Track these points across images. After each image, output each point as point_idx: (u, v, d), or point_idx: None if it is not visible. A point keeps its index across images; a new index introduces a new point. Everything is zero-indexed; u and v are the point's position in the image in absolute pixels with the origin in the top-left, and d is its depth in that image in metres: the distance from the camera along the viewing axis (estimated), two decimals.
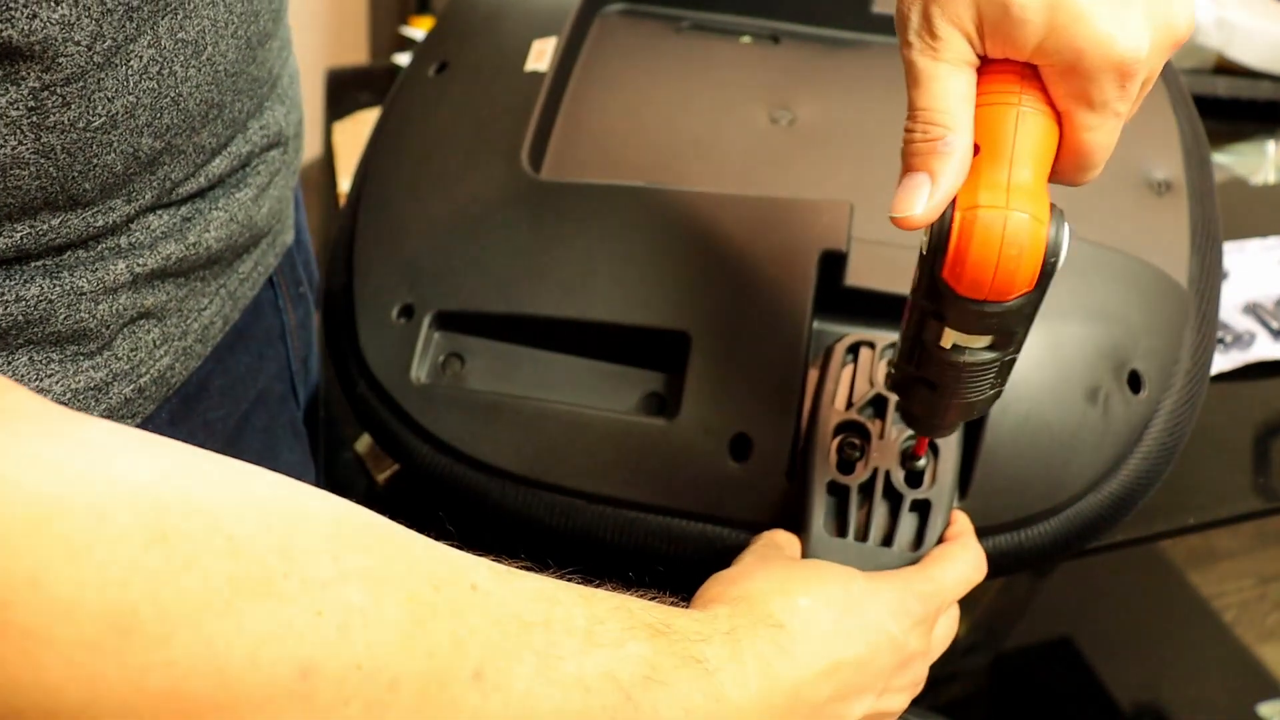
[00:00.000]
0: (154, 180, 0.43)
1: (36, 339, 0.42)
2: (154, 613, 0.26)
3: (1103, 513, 0.52)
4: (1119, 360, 0.52)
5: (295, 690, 0.29)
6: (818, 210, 0.54)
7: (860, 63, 0.70)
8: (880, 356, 0.52)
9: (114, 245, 0.43)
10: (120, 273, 0.44)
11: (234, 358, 0.55)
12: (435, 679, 0.32)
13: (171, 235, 0.46)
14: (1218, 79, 1.01)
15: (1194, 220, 0.59)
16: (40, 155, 0.38)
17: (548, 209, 0.57)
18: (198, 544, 0.28)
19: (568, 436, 0.53)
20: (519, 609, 0.37)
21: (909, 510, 0.48)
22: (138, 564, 0.26)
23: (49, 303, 0.41)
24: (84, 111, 0.38)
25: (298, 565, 0.30)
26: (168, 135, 0.43)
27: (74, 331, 0.43)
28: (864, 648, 0.43)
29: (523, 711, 0.34)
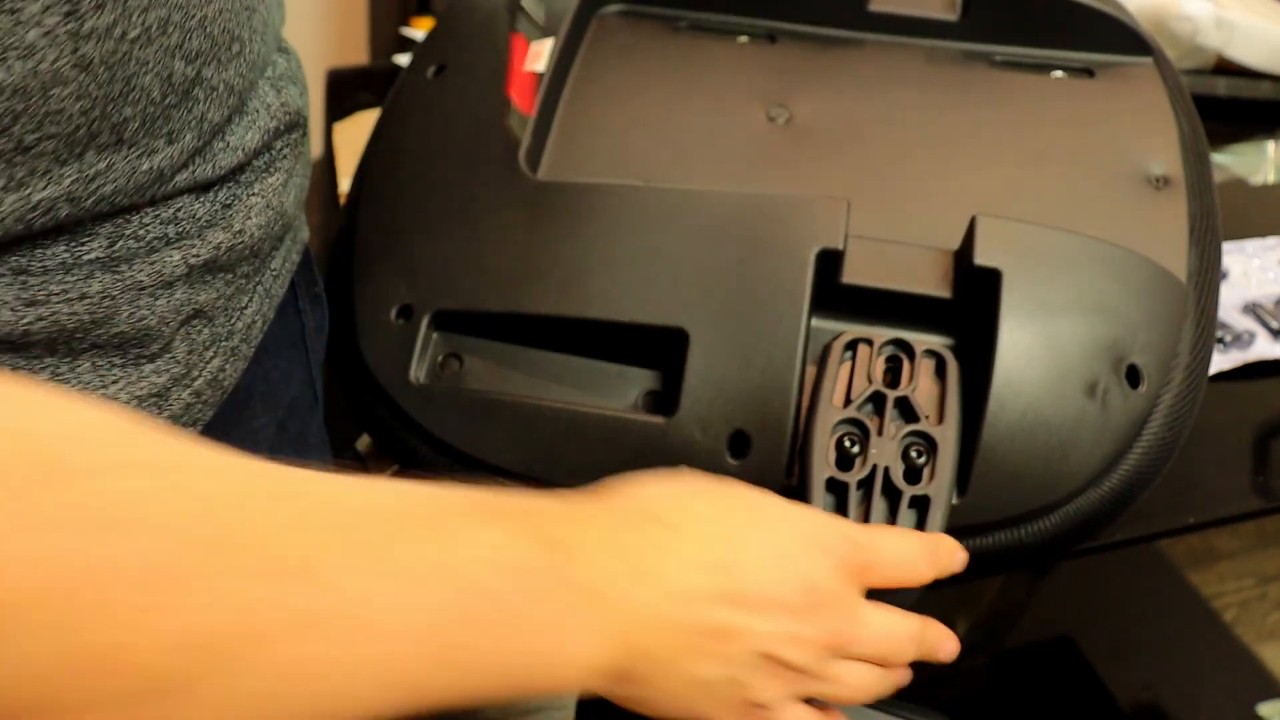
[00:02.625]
0: (191, 118, 0.43)
1: (100, 342, 0.42)
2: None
3: (1102, 508, 0.52)
4: (1117, 354, 0.52)
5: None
6: (814, 208, 0.54)
7: (857, 61, 0.70)
8: (878, 353, 0.52)
9: (163, 234, 0.43)
10: (176, 264, 0.44)
11: (270, 361, 0.54)
12: (254, 569, 0.30)
13: (216, 223, 0.46)
14: (1218, 79, 1.01)
15: (1192, 215, 0.59)
16: (79, 69, 0.37)
17: (545, 209, 0.57)
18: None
19: (566, 435, 0.53)
20: (349, 499, 0.34)
21: (908, 507, 0.48)
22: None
23: (112, 299, 0.41)
24: (119, 18, 0.38)
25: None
26: (198, 62, 0.42)
27: (136, 332, 0.43)
28: (762, 567, 0.40)
29: (355, 606, 0.32)
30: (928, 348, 0.52)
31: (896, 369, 0.52)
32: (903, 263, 0.54)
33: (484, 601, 0.34)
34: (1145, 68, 0.69)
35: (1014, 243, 0.53)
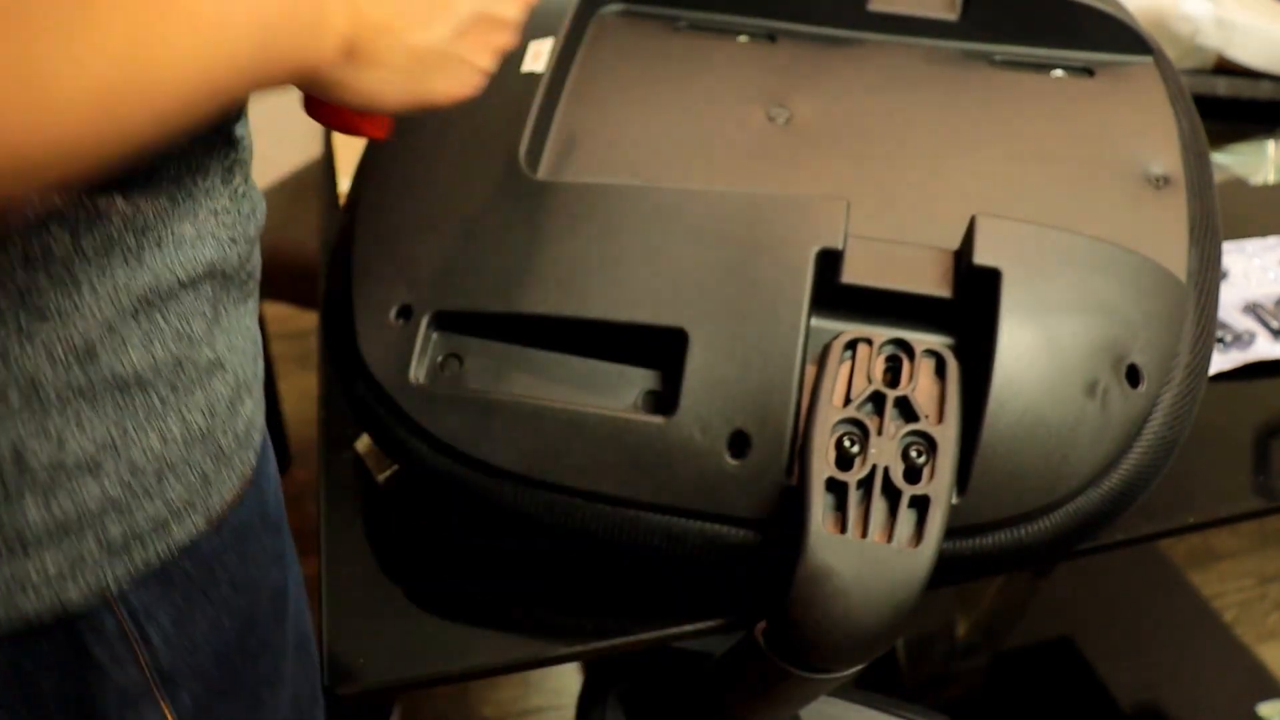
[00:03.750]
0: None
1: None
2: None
3: (1103, 507, 0.52)
4: (1117, 354, 0.52)
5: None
6: (814, 208, 0.54)
7: (856, 60, 0.70)
8: (878, 353, 0.52)
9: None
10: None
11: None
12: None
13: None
14: (1218, 79, 1.01)
15: (1192, 214, 0.59)
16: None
17: (545, 209, 0.57)
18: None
19: (566, 435, 0.53)
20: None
21: (908, 506, 0.48)
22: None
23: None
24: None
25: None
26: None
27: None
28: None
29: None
30: (928, 347, 0.52)
31: (896, 369, 0.52)
32: (902, 262, 0.54)
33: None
34: (1145, 67, 0.69)
35: (1014, 242, 0.53)
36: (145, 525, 0.44)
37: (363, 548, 0.62)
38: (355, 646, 0.56)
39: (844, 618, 0.47)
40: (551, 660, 0.57)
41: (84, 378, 0.41)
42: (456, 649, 0.56)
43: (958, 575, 0.53)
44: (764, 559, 0.52)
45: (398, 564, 0.61)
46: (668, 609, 0.58)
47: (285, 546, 0.54)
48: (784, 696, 0.54)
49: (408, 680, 0.56)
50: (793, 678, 0.50)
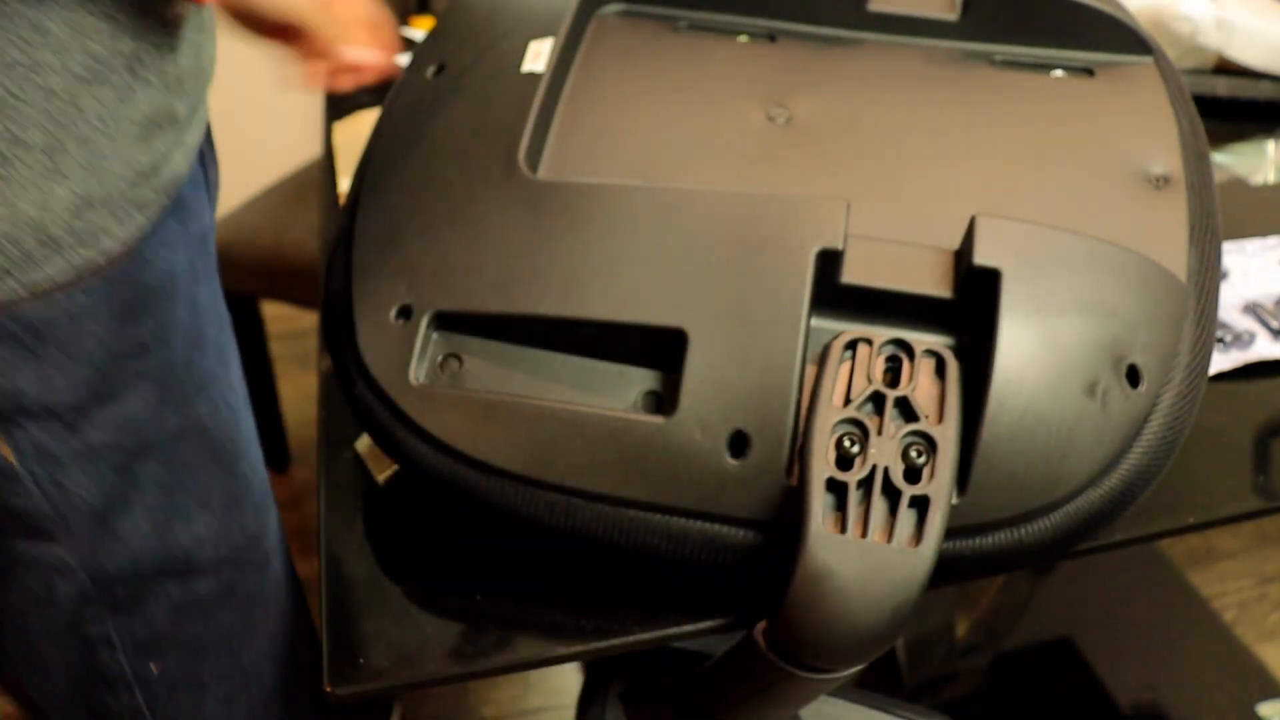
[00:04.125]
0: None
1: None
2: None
3: (1102, 508, 0.52)
4: (1117, 354, 0.52)
5: None
6: (814, 207, 0.54)
7: (856, 60, 0.70)
8: (878, 353, 0.52)
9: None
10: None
11: (191, 193, 0.64)
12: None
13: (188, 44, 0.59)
14: (1218, 79, 1.01)
15: (1192, 214, 0.59)
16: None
17: (545, 209, 0.57)
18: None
19: (566, 435, 0.53)
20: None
21: (908, 506, 0.48)
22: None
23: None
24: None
25: None
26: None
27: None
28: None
29: None
30: (927, 347, 0.52)
31: (896, 369, 0.52)
32: (902, 262, 0.54)
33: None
34: (1145, 67, 0.69)
35: (1014, 242, 0.53)
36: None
37: (363, 548, 0.62)
38: (355, 646, 0.56)
39: (844, 618, 0.47)
40: (551, 660, 0.57)
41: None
42: (456, 649, 0.56)
43: (958, 575, 0.53)
44: (764, 559, 0.52)
45: (398, 564, 0.61)
46: (668, 609, 0.58)
47: (159, 338, 0.61)
48: (784, 696, 0.54)
49: (408, 680, 0.56)
50: (793, 678, 0.50)
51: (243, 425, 0.71)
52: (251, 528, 0.72)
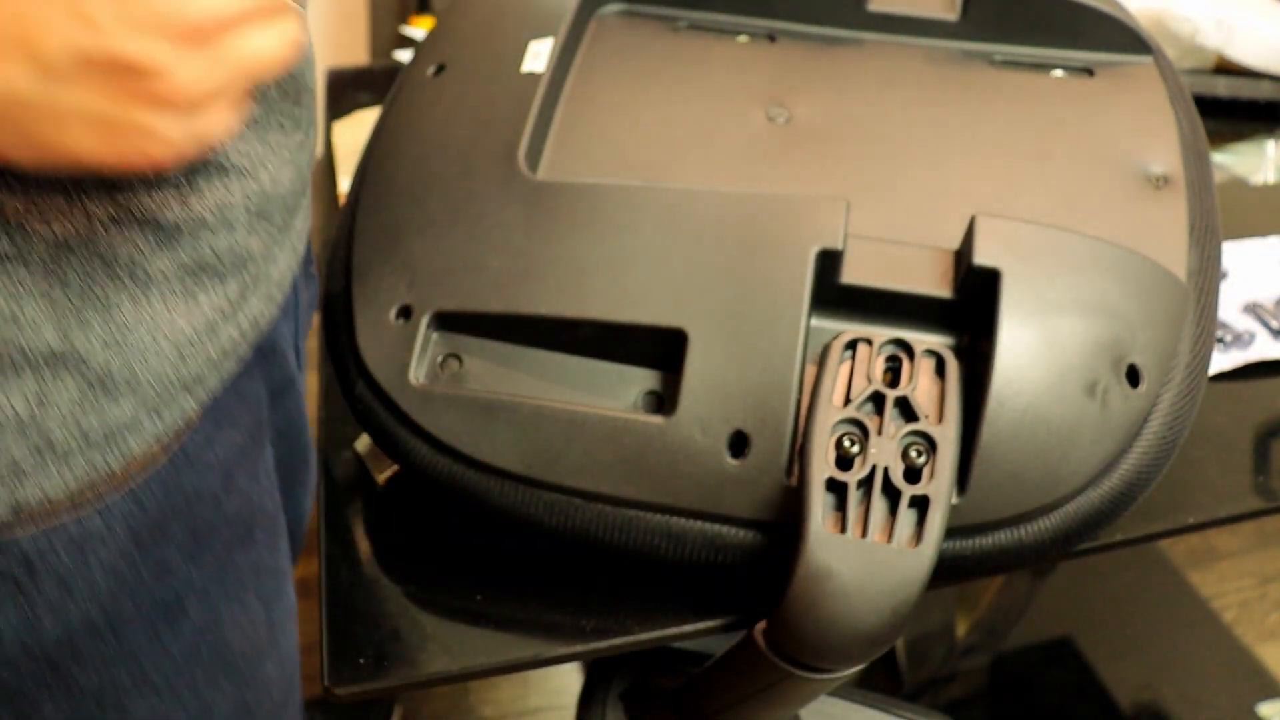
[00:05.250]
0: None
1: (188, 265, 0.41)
2: None
3: (1102, 508, 0.52)
4: (1117, 354, 0.52)
5: None
6: (813, 207, 0.54)
7: (856, 60, 0.70)
8: (878, 353, 0.52)
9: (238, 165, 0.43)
10: (238, 203, 0.43)
11: (273, 326, 0.53)
12: None
13: (264, 163, 0.45)
14: (1218, 79, 1.01)
15: (1192, 214, 0.59)
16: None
17: (545, 209, 0.57)
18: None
19: (566, 435, 0.53)
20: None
21: (908, 506, 0.48)
22: None
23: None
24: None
25: None
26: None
27: (196, 264, 0.42)
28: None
29: None
30: (927, 347, 0.52)
31: (896, 368, 0.52)
32: (902, 262, 0.54)
33: None
34: (1145, 67, 0.69)
35: (1014, 242, 0.53)
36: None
37: (363, 548, 0.62)
38: (355, 646, 0.56)
39: (844, 618, 0.47)
40: (551, 660, 0.57)
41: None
42: (456, 649, 0.56)
43: (958, 575, 0.53)
44: (764, 559, 0.52)
45: (398, 564, 0.61)
46: (668, 609, 0.57)
47: (192, 564, 0.48)
48: (784, 696, 0.54)
49: (408, 680, 0.56)
50: (793, 678, 0.50)
51: (280, 606, 0.56)
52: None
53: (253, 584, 0.53)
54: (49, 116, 0.33)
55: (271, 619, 0.54)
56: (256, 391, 0.53)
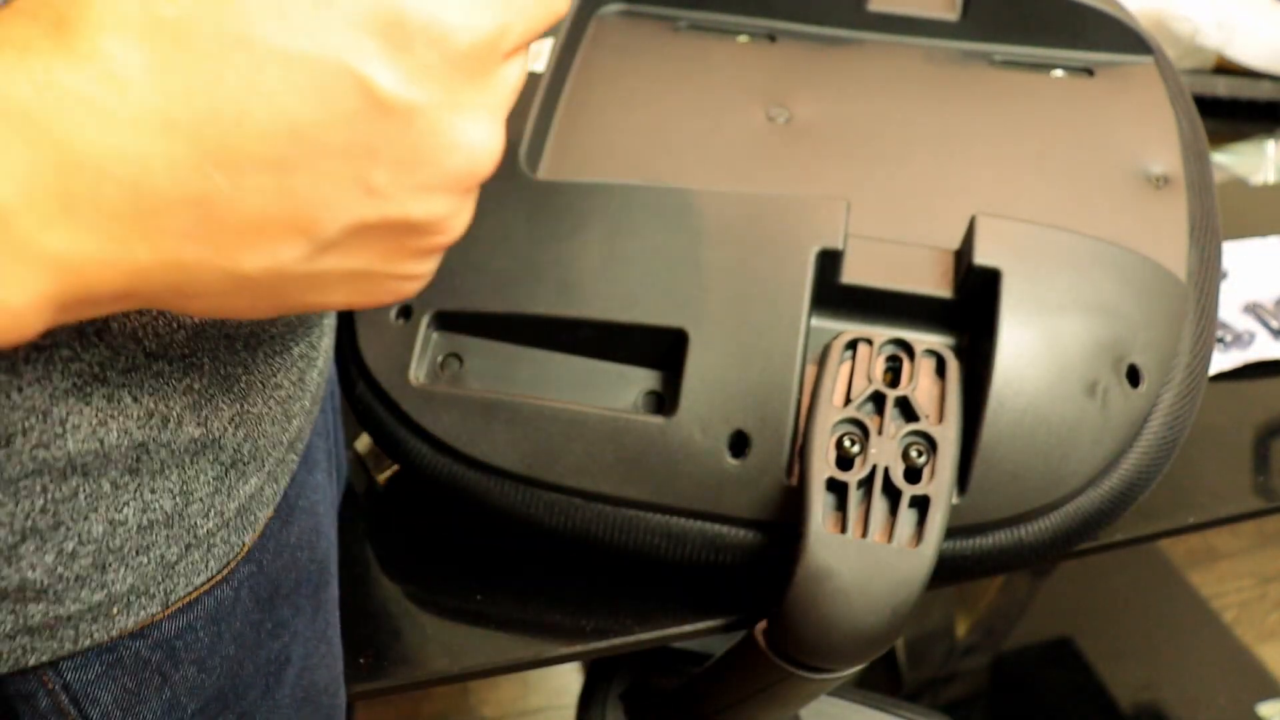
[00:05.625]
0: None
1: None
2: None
3: (1103, 507, 0.52)
4: (1117, 354, 0.52)
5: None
6: (814, 207, 0.54)
7: (856, 60, 0.70)
8: (878, 353, 0.52)
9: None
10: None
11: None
12: None
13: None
14: (1218, 79, 1.01)
15: (1192, 214, 0.59)
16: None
17: (545, 208, 0.57)
18: None
19: (566, 435, 0.53)
20: None
21: (908, 506, 0.48)
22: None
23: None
24: None
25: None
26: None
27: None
28: (263, 72, 0.26)
29: None
30: (928, 347, 0.52)
31: (896, 368, 0.52)
32: (903, 262, 0.54)
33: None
34: (1145, 67, 0.69)
35: (1014, 242, 0.53)
36: (76, 610, 0.38)
37: (363, 548, 0.62)
38: (355, 646, 0.56)
39: (844, 618, 0.47)
40: (551, 660, 0.57)
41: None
42: (456, 649, 0.56)
43: (958, 575, 0.53)
44: (764, 559, 0.52)
45: (398, 564, 0.61)
46: (668, 609, 0.58)
47: (296, 612, 0.47)
48: (784, 696, 0.54)
49: (408, 680, 0.56)
50: (793, 678, 0.50)
51: (340, 633, 0.55)
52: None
53: (331, 619, 0.53)
54: (311, 284, 0.31)
55: (338, 647, 0.54)
56: (325, 424, 0.52)
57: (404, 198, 0.29)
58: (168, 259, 0.27)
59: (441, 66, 0.28)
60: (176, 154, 0.26)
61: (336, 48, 0.27)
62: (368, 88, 0.27)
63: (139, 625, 0.40)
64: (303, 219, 0.28)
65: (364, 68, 0.27)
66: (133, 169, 0.26)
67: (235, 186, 0.27)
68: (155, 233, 0.27)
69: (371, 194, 0.29)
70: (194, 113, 0.26)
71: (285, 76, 0.26)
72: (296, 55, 0.26)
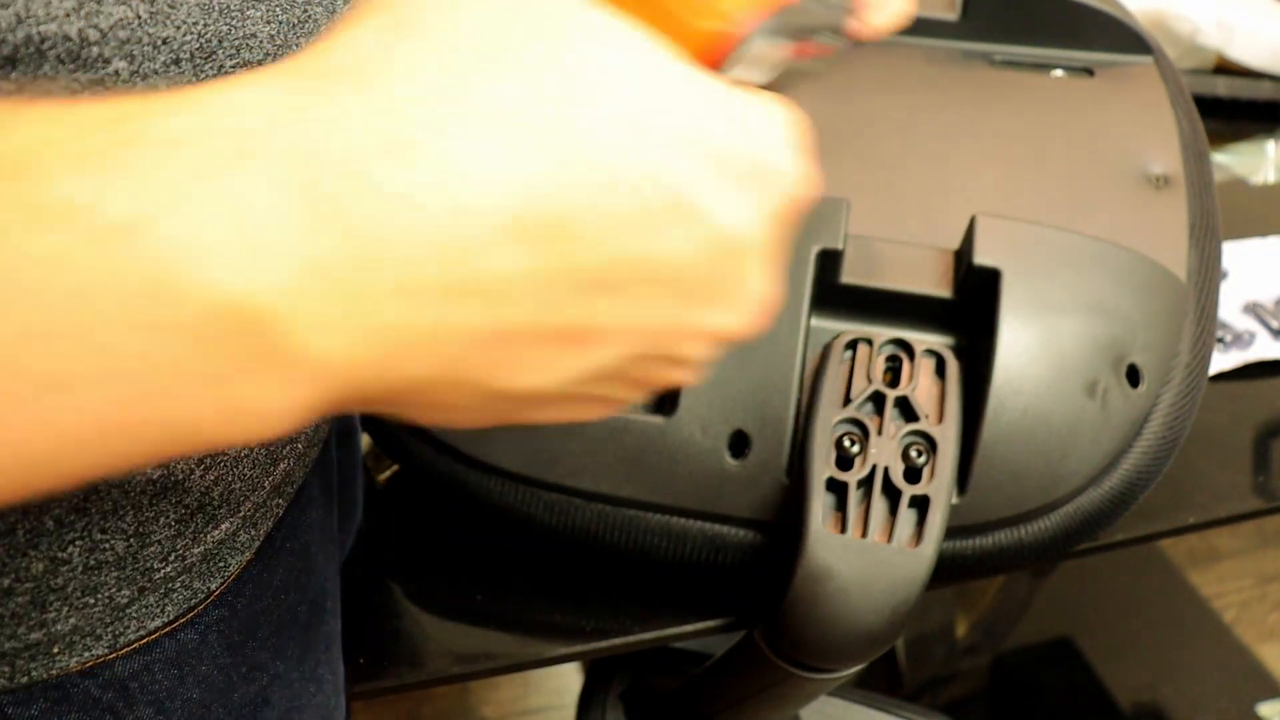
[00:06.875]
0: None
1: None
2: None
3: (1102, 507, 0.52)
4: (1117, 354, 0.52)
5: None
6: (814, 207, 0.54)
7: (856, 60, 0.70)
8: (878, 353, 0.52)
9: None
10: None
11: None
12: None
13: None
14: (1218, 79, 1.01)
15: (1192, 214, 0.59)
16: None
17: None
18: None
19: (566, 435, 0.53)
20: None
21: (908, 506, 0.48)
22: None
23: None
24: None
25: None
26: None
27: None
28: (604, 173, 0.24)
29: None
30: (928, 347, 0.52)
31: (896, 368, 0.52)
32: (902, 262, 0.54)
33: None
34: (1145, 67, 0.69)
35: (1014, 242, 0.53)
36: (12, 648, 0.35)
37: (363, 548, 0.62)
38: (355, 646, 0.56)
39: (844, 618, 0.47)
40: (551, 660, 0.57)
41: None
42: (457, 649, 0.56)
43: (958, 575, 0.53)
44: (764, 559, 0.52)
45: (398, 564, 0.61)
46: (668, 609, 0.57)
47: (277, 655, 0.45)
48: (784, 696, 0.54)
49: (408, 680, 0.56)
50: (793, 678, 0.50)
51: (340, 667, 0.53)
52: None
53: (324, 657, 0.50)
54: (555, 403, 0.28)
55: (336, 682, 0.52)
56: (328, 457, 0.50)
57: (692, 337, 0.28)
58: (447, 377, 0.24)
59: (772, 208, 0.27)
60: (513, 258, 0.23)
61: (677, 171, 0.25)
62: (709, 219, 0.25)
63: (84, 666, 0.37)
64: (595, 338, 0.26)
65: (705, 199, 0.25)
66: (455, 270, 0.22)
67: (552, 300, 0.24)
68: (451, 342, 0.24)
69: (671, 328, 0.27)
70: (535, 209, 0.23)
71: (630, 193, 0.24)
72: (642, 174, 0.24)
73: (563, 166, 0.23)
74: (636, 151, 0.24)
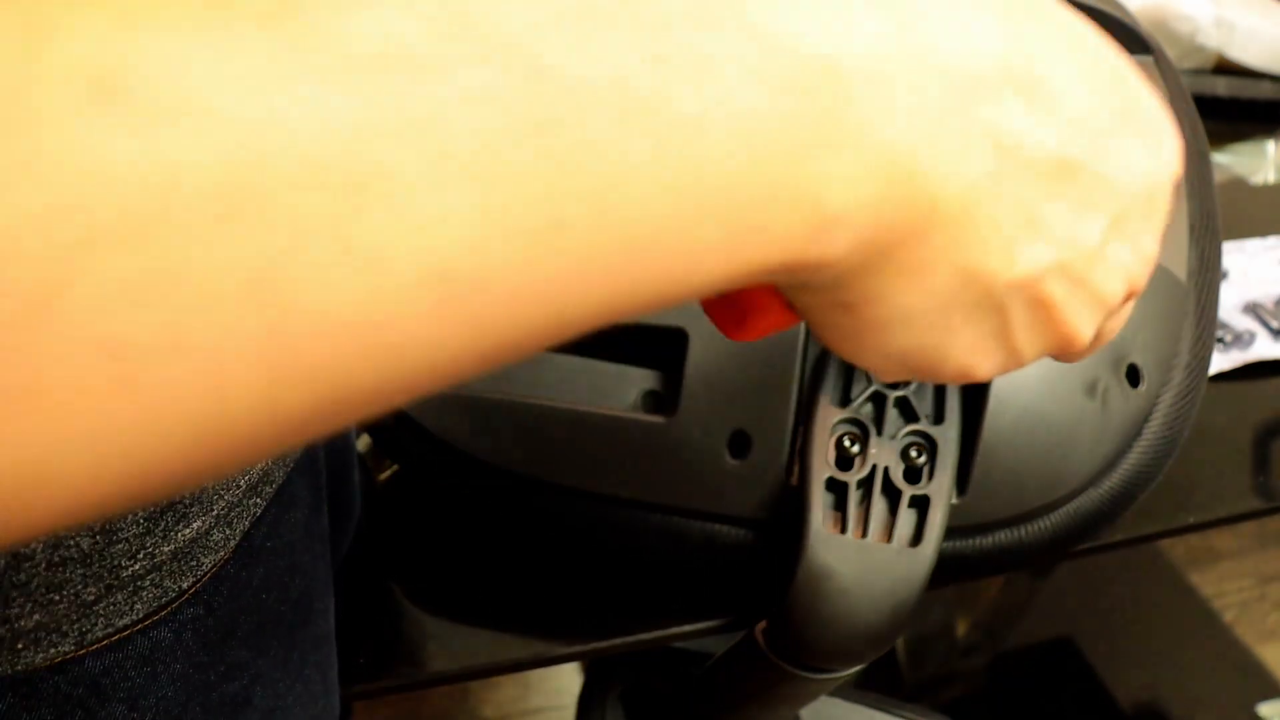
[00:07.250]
0: None
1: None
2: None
3: (1103, 507, 0.52)
4: (1117, 354, 0.52)
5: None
6: None
7: None
8: None
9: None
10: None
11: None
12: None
13: None
14: (1218, 79, 1.01)
15: (1192, 214, 0.59)
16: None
17: None
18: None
19: (566, 435, 0.53)
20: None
21: (908, 506, 0.48)
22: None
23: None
24: None
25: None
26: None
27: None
28: (1082, 56, 0.26)
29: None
30: None
31: None
32: None
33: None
34: (1145, 67, 0.69)
35: None
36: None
37: (363, 548, 0.62)
38: (355, 646, 0.56)
39: (844, 618, 0.47)
40: (551, 660, 0.57)
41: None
42: (456, 649, 0.56)
43: (958, 575, 0.53)
44: (764, 559, 0.52)
45: (397, 564, 0.61)
46: (668, 609, 0.57)
47: (259, 654, 0.45)
48: (784, 696, 0.54)
49: (408, 680, 0.56)
50: (793, 678, 0.50)
51: (333, 667, 0.53)
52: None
53: (313, 657, 0.49)
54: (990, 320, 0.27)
55: (327, 683, 0.51)
56: (314, 455, 0.50)
57: (1110, 269, 0.28)
58: (961, 222, 0.24)
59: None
60: (1010, 108, 0.24)
61: (1137, 85, 0.28)
62: (1158, 151, 0.28)
63: (51, 662, 0.37)
64: (1043, 229, 0.26)
65: (1160, 125, 0.29)
66: (973, 110, 0.24)
67: (1030, 169, 0.25)
68: (966, 174, 0.24)
69: (1095, 249, 0.27)
70: (1022, 67, 0.25)
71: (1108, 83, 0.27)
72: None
73: (1046, 42, 0.25)
74: (1104, 51, 0.27)
